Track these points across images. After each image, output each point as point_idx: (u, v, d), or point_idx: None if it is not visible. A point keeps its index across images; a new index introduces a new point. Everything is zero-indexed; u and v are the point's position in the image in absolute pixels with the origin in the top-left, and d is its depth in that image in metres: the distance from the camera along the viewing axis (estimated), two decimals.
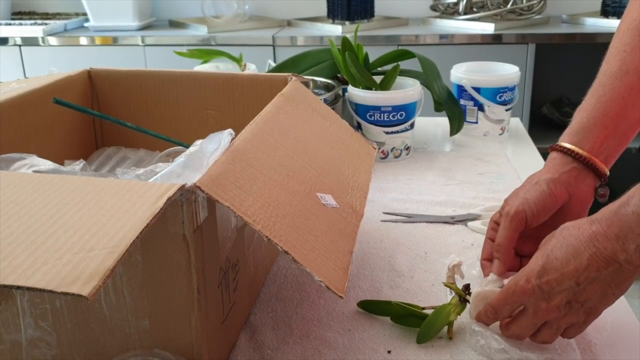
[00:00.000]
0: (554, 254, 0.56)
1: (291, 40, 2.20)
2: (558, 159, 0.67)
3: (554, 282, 0.55)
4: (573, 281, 0.54)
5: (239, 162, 0.56)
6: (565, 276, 0.54)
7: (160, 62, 2.23)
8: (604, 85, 0.67)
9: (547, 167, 0.68)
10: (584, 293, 0.54)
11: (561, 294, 0.55)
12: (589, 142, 0.66)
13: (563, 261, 0.55)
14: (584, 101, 0.69)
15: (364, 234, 0.88)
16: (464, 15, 2.28)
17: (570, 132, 0.68)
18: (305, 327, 0.68)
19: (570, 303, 0.55)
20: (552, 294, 0.55)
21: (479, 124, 1.27)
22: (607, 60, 0.69)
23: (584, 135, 0.67)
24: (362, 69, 1.15)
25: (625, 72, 0.66)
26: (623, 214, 0.52)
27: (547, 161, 0.69)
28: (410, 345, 0.65)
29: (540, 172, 0.68)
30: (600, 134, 0.66)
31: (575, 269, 0.54)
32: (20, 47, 2.28)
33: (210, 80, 0.89)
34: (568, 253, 0.55)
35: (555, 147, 0.68)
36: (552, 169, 0.67)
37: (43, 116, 0.82)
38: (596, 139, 0.66)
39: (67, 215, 0.46)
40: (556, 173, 0.66)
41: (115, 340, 0.56)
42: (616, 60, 0.67)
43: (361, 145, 0.81)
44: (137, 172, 0.64)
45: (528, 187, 0.67)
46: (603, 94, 0.67)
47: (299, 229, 0.55)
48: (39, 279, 0.40)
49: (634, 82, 0.66)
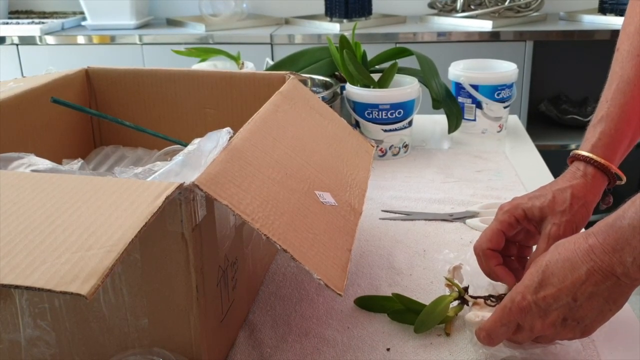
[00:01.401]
0: (550, 270, 0.55)
1: (289, 39, 2.20)
2: (597, 176, 0.65)
3: (550, 298, 0.54)
4: (570, 297, 0.53)
5: (237, 160, 0.56)
6: (562, 291, 0.53)
7: (158, 61, 2.23)
8: (624, 93, 0.67)
9: (587, 184, 0.65)
10: (581, 310, 0.54)
11: (557, 311, 0.54)
12: (616, 157, 0.67)
13: (560, 276, 0.54)
14: (604, 108, 0.68)
15: (362, 231, 0.88)
16: (462, 12, 2.28)
17: (603, 145, 0.66)
18: (304, 325, 0.68)
19: (566, 320, 0.54)
20: (548, 311, 0.54)
21: (477, 121, 1.28)
22: (621, 64, 0.68)
23: (615, 148, 0.66)
24: (360, 67, 1.15)
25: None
26: (619, 227, 0.51)
27: (587, 176, 0.65)
28: (409, 342, 0.65)
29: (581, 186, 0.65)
30: (623, 146, 0.67)
31: (572, 284, 0.53)
32: (17, 46, 2.28)
33: (208, 79, 0.89)
34: (565, 268, 0.54)
35: (593, 162, 0.66)
36: (593, 189, 0.65)
37: (41, 115, 0.82)
38: (620, 152, 0.67)
39: (66, 214, 0.46)
40: (597, 195, 0.65)
41: (114, 339, 0.56)
42: (631, 65, 0.67)
43: (359, 143, 0.81)
44: (136, 170, 0.64)
45: (576, 207, 0.64)
46: (625, 102, 0.67)
47: (297, 227, 0.55)
48: (38, 278, 0.40)
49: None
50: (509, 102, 1.27)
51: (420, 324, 0.65)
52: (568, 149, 2.13)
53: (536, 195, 0.66)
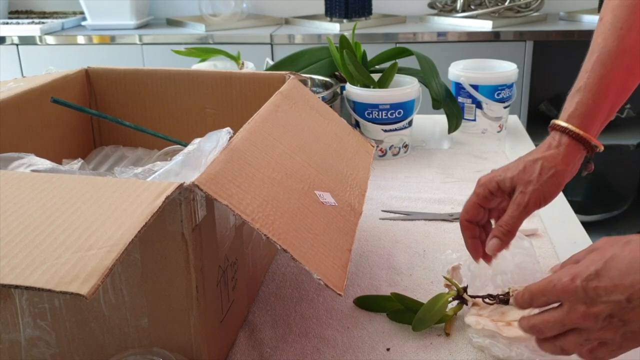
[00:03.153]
0: (613, 264, 0.51)
1: (289, 39, 2.20)
2: (572, 145, 0.67)
3: (602, 290, 0.51)
4: (625, 295, 0.50)
5: (237, 160, 0.56)
6: (618, 288, 0.50)
7: (157, 61, 2.23)
8: (604, 64, 0.67)
9: (560, 153, 0.67)
10: (632, 313, 0.50)
11: (606, 305, 0.51)
12: (593, 127, 0.67)
13: (622, 272, 0.50)
14: (584, 78, 0.68)
15: (362, 231, 0.88)
16: (462, 12, 2.28)
17: (579, 115, 0.67)
18: (304, 325, 0.68)
19: (612, 318, 0.51)
20: (595, 301, 0.51)
21: (477, 121, 1.27)
22: (603, 36, 0.69)
23: (592, 118, 0.67)
24: (360, 67, 1.15)
25: (623, 51, 0.67)
26: None
27: (560, 145, 0.67)
28: (409, 342, 0.65)
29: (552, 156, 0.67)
30: (601, 117, 0.68)
31: (632, 284, 0.50)
32: (17, 46, 2.28)
33: (208, 79, 0.89)
34: (630, 267, 0.50)
35: (568, 131, 0.67)
36: (565, 158, 0.66)
37: (41, 115, 0.82)
38: (599, 122, 0.68)
39: (66, 214, 0.46)
40: (570, 165, 0.67)
41: (114, 339, 0.56)
42: (614, 37, 0.68)
43: (359, 143, 0.81)
44: (135, 170, 0.64)
45: (545, 177, 0.66)
46: (604, 73, 0.67)
47: (297, 227, 0.55)
48: (38, 278, 0.40)
49: (630, 62, 0.67)
50: (509, 102, 1.27)
51: (418, 321, 0.65)
52: None
53: (509, 167, 0.68)
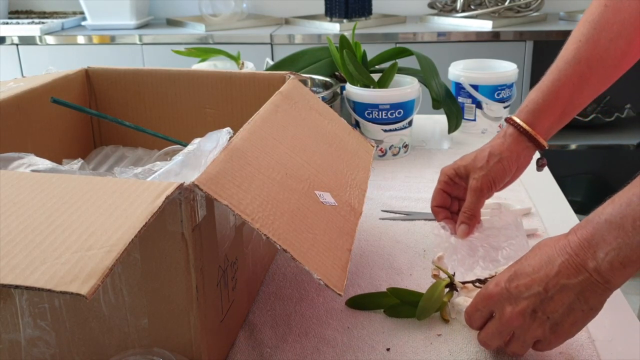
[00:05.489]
0: (527, 262, 0.57)
1: (289, 39, 2.20)
2: (515, 136, 0.76)
3: (522, 287, 0.56)
4: (541, 287, 0.55)
5: (237, 160, 0.56)
6: (534, 281, 0.55)
7: (157, 61, 2.23)
8: (559, 70, 0.75)
9: (505, 142, 0.76)
10: (551, 303, 0.54)
11: (528, 300, 0.55)
12: (540, 124, 0.75)
13: (535, 267, 0.56)
14: (542, 80, 0.76)
15: (362, 231, 0.88)
16: (462, 12, 2.28)
17: (527, 111, 0.76)
18: (304, 325, 0.68)
19: (536, 313, 0.55)
20: (519, 299, 0.56)
21: (477, 121, 1.27)
22: (566, 46, 0.76)
23: (539, 116, 0.75)
24: (360, 67, 1.15)
25: (578, 61, 0.74)
26: (597, 222, 0.53)
27: (506, 135, 0.76)
28: (409, 342, 0.65)
29: (498, 144, 0.76)
30: (551, 117, 0.75)
31: (545, 275, 0.55)
32: (17, 46, 2.28)
33: (208, 79, 0.89)
34: (541, 261, 0.56)
35: (514, 123, 0.76)
36: (510, 147, 0.76)
37: (41, 115, 0.82)
38: (548, 121, 0.75)
39: (66, 214, 0.46)
40: (514, 152, 0.76)
41: (114, 339, 0.56)
42: (572, 48, 0.75)
43: (359, 143, 0.81)
44: (135, 170, 0.64)
45: (492, 163, 0.75)
46: (558, 78, 0.75)
47: (297, 227, 0.55)
48: (38, 278, 0.40)
49: (584, 71, 0.74)
50: (509, 102, 1.27)
51: (421, 310, 0.67)
52: (568, 149, 2.13)
53: (465, 157, 0.79)
